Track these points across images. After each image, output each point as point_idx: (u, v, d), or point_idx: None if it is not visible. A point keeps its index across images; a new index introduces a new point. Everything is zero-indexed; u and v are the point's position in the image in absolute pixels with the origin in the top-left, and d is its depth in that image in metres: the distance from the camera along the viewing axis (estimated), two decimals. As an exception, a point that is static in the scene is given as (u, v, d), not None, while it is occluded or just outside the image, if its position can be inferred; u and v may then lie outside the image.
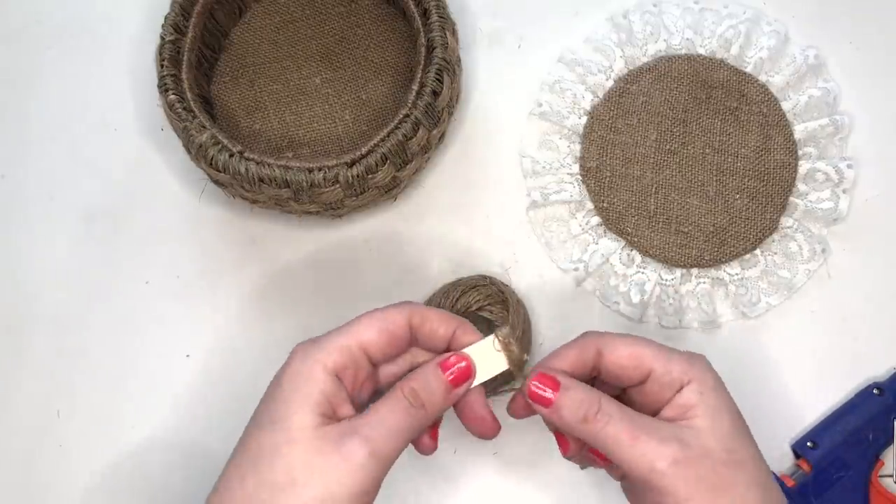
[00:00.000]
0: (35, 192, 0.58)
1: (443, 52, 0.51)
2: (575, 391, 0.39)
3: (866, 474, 0.49)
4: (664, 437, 0.37)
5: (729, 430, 0.38)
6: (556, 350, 0.41)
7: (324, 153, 0.56)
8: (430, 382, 0.39)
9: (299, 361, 0.38)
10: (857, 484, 0.48)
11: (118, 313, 0.55)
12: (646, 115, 0.56)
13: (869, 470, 0.49)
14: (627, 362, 0.39)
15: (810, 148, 0.55)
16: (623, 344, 0.40)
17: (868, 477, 0.48)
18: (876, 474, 0.49)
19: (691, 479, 0.36)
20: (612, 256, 0.54)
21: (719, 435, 0.37)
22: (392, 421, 0.37)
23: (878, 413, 0.50)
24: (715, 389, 0.39)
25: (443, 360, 0.39)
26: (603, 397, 0.38)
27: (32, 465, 0.53)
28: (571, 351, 0.40)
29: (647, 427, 0.37)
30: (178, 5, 0.53)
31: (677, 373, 0.39)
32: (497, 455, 0.52)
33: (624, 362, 0.39)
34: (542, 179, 0.56)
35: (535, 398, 0.39)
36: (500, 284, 0.51)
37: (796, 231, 0.54)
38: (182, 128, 0.50)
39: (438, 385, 0.39)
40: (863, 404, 0.50)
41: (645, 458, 0.36)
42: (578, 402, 0.38)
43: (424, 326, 0.40)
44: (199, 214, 0.57)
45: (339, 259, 0.56)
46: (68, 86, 0.61)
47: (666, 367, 0.39)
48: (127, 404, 0.54)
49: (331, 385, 0.37)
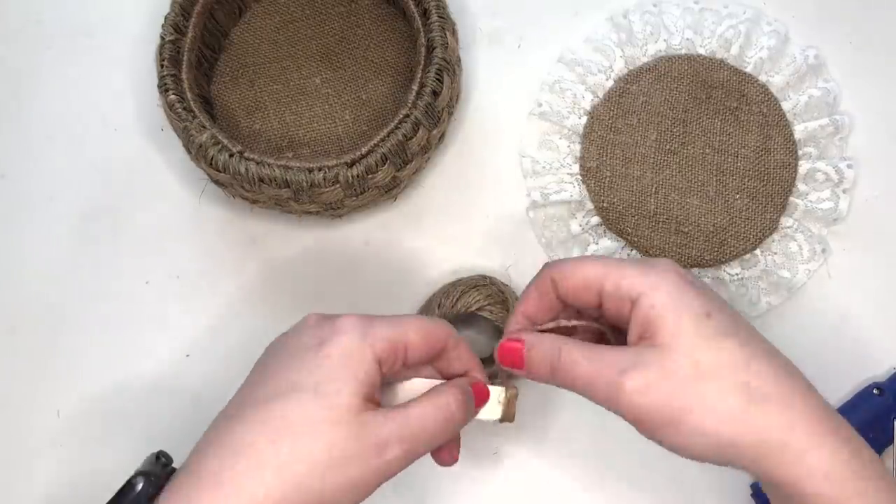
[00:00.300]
0: (35, 192, 0.58)
1: (443, 52, 0.51)
2: (537, 347, 0.38)
3: None
4: (624, 368, 0.35)
5: (692, 337, 0.35)
6: (519, 297, 0.41)
7: (324, 153, 0.56)
8: (466, 400, 0.39)
9: (356, 337, 0.36)
10: None
11: (118, 313, 0.55)
12: (646, 115, 0.56)
13: None
14: (579, 285, 0.38)
15: (810, 148, 0.55)
16: (572, 270, 0.38)
17: None
18: None
19: (655, 407, 0.34)
20: (612, 256, 0.54)
21: (683, 347, 0.35)
22: (432, 425, 0.37)
23: (879, 413, 0.50)
24: (672, 293, 0.36)
25: (473, 381, 0.40)
26: (565, 344, 0.37)
27: (32, 465, 0.53)
28: (530, 291, 0.40)
29: (608, 361, 0.36)
30: (178, 5, 0.53)
31: (626, 287, 0.36)
32: (497, 455, 0.52)
33: (576, 287, 0.38)
34: (542, 179, 0.56)
35: (508, 365, 0.40)
36: (500, 284, 0.51)
37: (796, 231, 0.54)
38: (182, 128, 0.50)
39: (471, 401, 0.39)
40: (863, 404, 0.50)
41: (611, 394, 0.35)
42: (542, 357, 0.38)
43: (453, 352, 0.40)
44: (199, 214, 0.57)
45: (339, 259, 0.56)
46: (68, 86, 0.61)
47: (616, 283, 0.37)
48: (127, 404, 0.54)
49: (376, 371, 0.36)
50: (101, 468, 0.53)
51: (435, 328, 0.39)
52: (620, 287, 0.37)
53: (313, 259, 0.56)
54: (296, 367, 0.36)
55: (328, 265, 0.56)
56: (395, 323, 0.38)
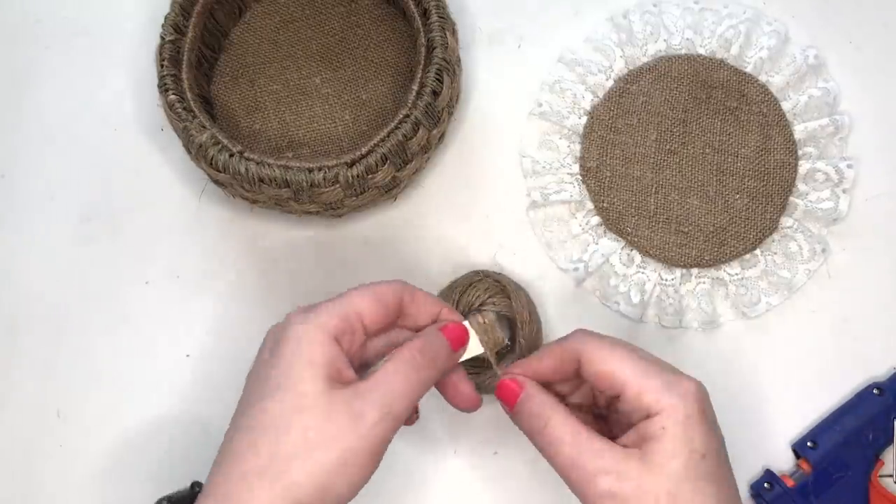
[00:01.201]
0: (35, 192, 0.58)
1: (443, 52, 0.51)
2: (530, 403, 0.39)
3: (866, 474, 0.49)
4: (602, 468, 0.36)
5: (680, 471, 0.35)
6: (541, 349, 0.41)
7: (324, 153, 0.56)
8: (434, 343, 0.40)
9: (299, 327, 0.37)
10: (857, 484, 0.48)
11: (118, 313, 0.55)
12: (646, 115, 0.56)
13: (869, 470, 0.49)
14: (604, 377, 0.38)
15: (810, 148, 0.55)
16: (601, 358, 0.38)
17: (868, 477, 0.48)
18: (876, 474, 0.49)
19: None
20: (612, 256, 0.54)
21: (666, 474, 0.35)
22: (401, 381, 0.37)
23: (878, 413, 0.50)
24: (685, 423, 0.36)
25: (441, 325, 0.41)
26: (554, 416, 0.38)
27: (32, 465, 0.53)
28: (552, 356, 0.40)
29: (591, 455, 0.36)
30: (178, 5, 0.53)
31: (647, 400, 0.37)
32: (497, 455, 0.52)
33: (601, 377, 0.38)
34: (542, 179, 0.56)
35: (501, 397, 0.41)
36: (494, 275, 0.52)
37: (796, 231, 0.54)
38: (182, 128, 0.50)
39: (442, 345, 0.40)
40: (863, 404, 0.50)
41: (582, 488, 0.36)
42: (531, 414, 0.39)
43: (413, 305, 0.41)
44: (199, 214, 0.57)
45: (339, 259, 0.56)
46: (68, 86, 0.61)
47: (638, 391, 0.37)
48: (127, 404, 0.54)
49: (333, 349, 0.37)
50: (102, 468, 0.53)
51: (382, 288, 0.40)
52: (642, 398, 0.37)
53: (313, 259, 0.56)
54: (262, 374, 0.38)
55: (328, 265, 0.56)
56: (337, 300, 0.39)
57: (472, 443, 0.52)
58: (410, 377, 0.37)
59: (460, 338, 0.41)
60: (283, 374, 0.36)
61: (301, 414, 0.35)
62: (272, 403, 0.36)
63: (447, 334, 0.40)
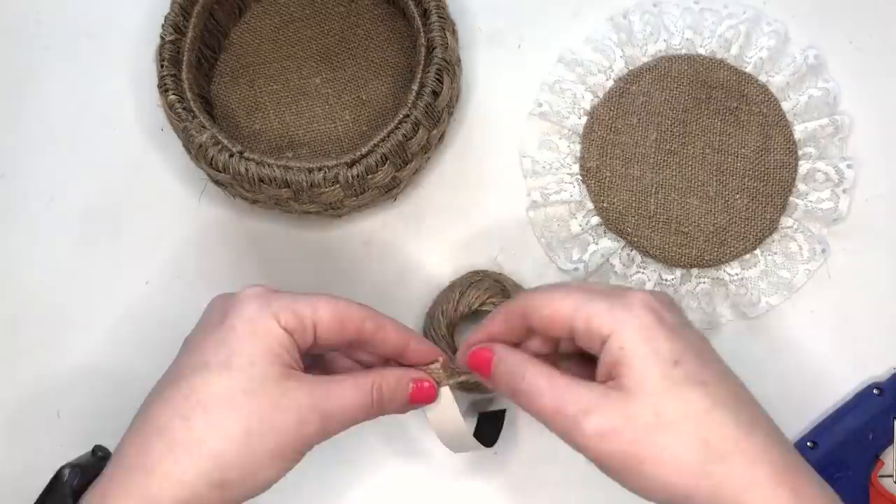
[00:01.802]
0: (35, 192, 0.58)
1: (443, 52, 0.51)
2: (503, 364, 0.38)
3: (866, 474, 0.49)
4: (586, 408, 0.34)
5: (657, 386, 0.34)
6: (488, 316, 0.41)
7: (324, 153, 0.56)
8: (396, 391, 0.40)
9: (256, 307, 0.37)
10: (857, 484, 0.48)
11: (118, 313, 0.55)
12: (646, 115, 0.56)
13: (869, 470, 0.49)
14: (549, 319, 0.37)
15: (810, 148, 0.55)
16: (542, 304, 0.37)
17: (868, 477, 0.48)
18: (876, 474, 0.49)
19: (612, 452, 0.34)
20: (612, 256, 0.54)
21: (644, 394, 0.34)
22: (350, 405, 0.38)
23: (878, 413, 0.50)
24: (642, 334, 0.34)
25: (417, 376, 0.41)
26: (530, 369, 0.37)
27: (32, 465, 0.53)
28: (500, 316, 0.40)
29: (572, 397, 0.35)
30: (178, 5, 0.53)
31: (596, 325, 0.35)
32: (497, 455, 0.52)
33: (547, 321, 0.37)
34: (542, 179, 0.56)
35: (475, 368, 0.40)
36: (493, 275, 0.52)
37: (796, 231, 0.54)
38: (182, 128, 0.50)
39: (402, 396, 0.40)
40: (863, 404, 0.50)
41: (570, 432, 0.35)
42: (506, 374, 0.38)
43: (379, 333, 0.40)
44: (199, 214, 0.57)
45: (339, 259, 0.56)
46: (68, 86, 0.61)
47: (585, 321, 0.35)
48: (127, 404, 0.54)
49: (288, 340, 0.37)
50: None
51: (347, 308, 0.39)
52: (590, 325, 0.35)
53: (313, 259, 0.56)
54: (203, 344, 0.37)
55: (328, 265, 0.56)
56: (301, 298, 0.38)
57: (472, 443, 0.52)
58: (357, 407, 0.38)
59: (423, 397, 0.41)
60: (236, 352, 0.36)
61: (247, 397, 0.35)
62: (218, 380, 0.35)
63: (413, 392, 0.40)
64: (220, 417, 0.35)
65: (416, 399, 0.41)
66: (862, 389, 0.51)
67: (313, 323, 0.38)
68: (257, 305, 0.37)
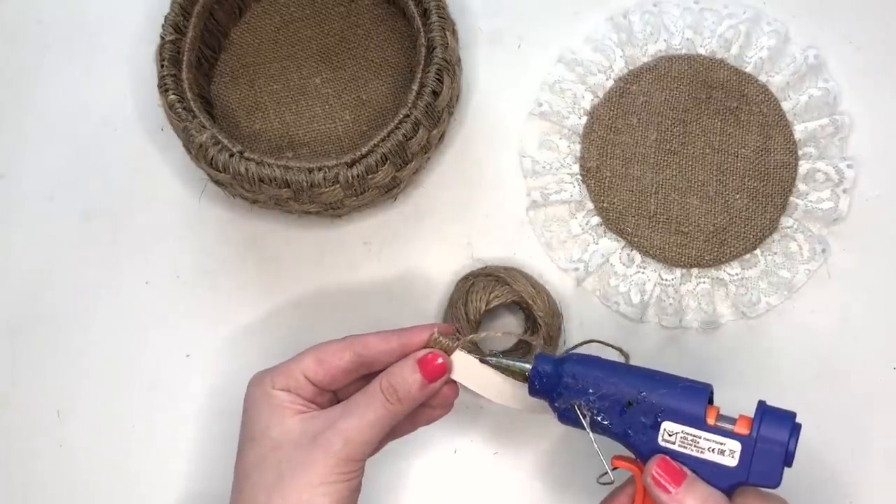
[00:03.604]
0: (35, 192, 0.58)
1: (443, 52, 0.51)
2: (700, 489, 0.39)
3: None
4: None
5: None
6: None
7: (324, 153, 0.56)
8: (405, 377, 0.41)
9: (254, 389, 0.42)
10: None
11: (118, 313, 0.55)
12: (646, 115, 0.56)
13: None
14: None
15: (810, 148, 0.55)
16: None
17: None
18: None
19: None
20: (612, 256, 0.54)
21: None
22: (367, 414, 0.40)
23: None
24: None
25: (420, 356, 0.42)
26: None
27: (32, 465, 0.53)
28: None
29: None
30: (178, 5, 0.53)
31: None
32: (497, 455, 0.52)
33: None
34: (542, 179, 0.56)
35: (657, 485, 0.39)
36: (481, 271, 0.52)
37: (796, 231, 0.54)
38: (182, 128, 0.50)
39: (414, 379, 0.41)
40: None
41: None
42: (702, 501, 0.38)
43: (368, 351, 0.42)
44: (199, 214, 0.57)
45: (339, 259, 0.56)
46: (68, 86, 0.61)
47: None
48: (127, 404, 0.54)
49: (286, 396, 0.41)
50: (102, 468, 0.53)
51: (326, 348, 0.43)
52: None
53: (313, 259, 0.56)
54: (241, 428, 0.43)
55: (328, 265, 0.56)
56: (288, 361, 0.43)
57: (472, 443, 0.52)
58: (376, 412, 0.40)
59: (435, 371, 0.42)
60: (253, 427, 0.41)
61: (275, 452, 0.40)
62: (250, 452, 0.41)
63: (422, 369, 0.41)
64: (260, 476, 0.40)
65: (429, 375, 0.41)
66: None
67: (302, 373, 0.42)
68: (255, 387, 0.42)
